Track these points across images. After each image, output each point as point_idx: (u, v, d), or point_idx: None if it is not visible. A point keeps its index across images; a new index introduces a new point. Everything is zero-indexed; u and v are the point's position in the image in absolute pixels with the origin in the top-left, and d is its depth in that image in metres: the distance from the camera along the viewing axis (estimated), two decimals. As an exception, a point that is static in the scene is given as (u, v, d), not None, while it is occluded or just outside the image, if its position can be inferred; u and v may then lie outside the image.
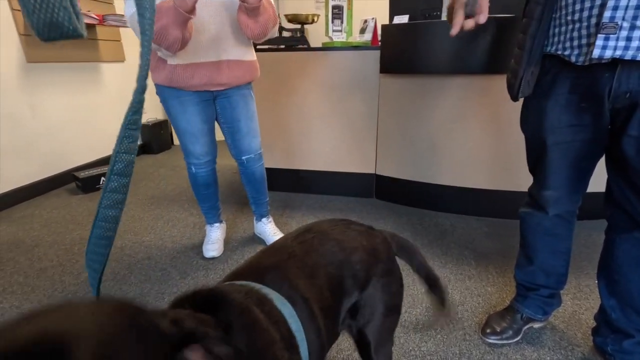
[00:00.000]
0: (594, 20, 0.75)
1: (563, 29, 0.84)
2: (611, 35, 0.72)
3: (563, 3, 0.83)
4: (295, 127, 2.27)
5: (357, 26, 2.31)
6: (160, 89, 1.43)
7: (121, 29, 3.02)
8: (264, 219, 1.80)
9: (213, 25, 1.33)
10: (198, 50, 1.34)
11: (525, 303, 1.14)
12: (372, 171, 2.26)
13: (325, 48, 2.09)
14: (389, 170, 2.19)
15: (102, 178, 2.55)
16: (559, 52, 0.85)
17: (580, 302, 1.33)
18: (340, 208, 2.19)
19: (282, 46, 2.21)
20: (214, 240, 1.72)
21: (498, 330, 1.14)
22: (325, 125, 2.22)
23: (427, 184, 2.06)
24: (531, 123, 0.99)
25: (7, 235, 1.92)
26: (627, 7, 0.69)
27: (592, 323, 1.11)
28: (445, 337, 1.18)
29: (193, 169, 1.59)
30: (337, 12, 2.12)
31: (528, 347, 1.13)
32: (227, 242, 1.79)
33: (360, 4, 2.70)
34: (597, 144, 0.89)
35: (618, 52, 0.72)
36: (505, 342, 1.14)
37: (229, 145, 1.62)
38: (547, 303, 1.13)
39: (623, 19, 0.70)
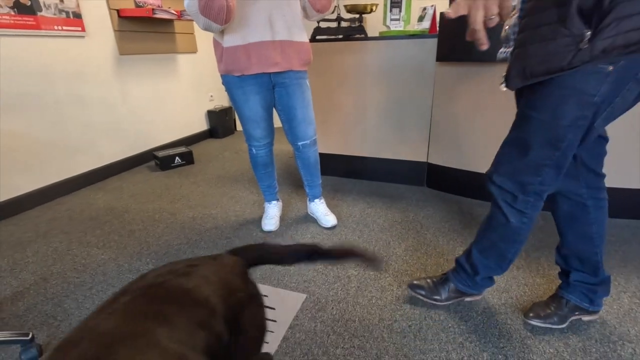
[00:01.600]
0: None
1: None
2: None
3: None
4: (351, 114, 2.36)
5: (415, 14, 2.31)
6: (226, 79, 1.59)
7: (194, 23, 3.32)
8: (316, 200, 1.93)
9: (267, 6, 1.43)
10: (253, 31, 1.45)
11: (568, 289, 1.15)
12: (424, 159, 2.27)
13: (382, 37, 2.13)
14: (441, 158, 2.19)
15: (177, 158, 2.88)
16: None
17: (639, 300, 1.28)
18: (390, 194, 2.25)
19: (340, 36, 2.30)
20: (272, 215, 1.89)
21: (542, 315, 1.16)
22: (379, 113, 2.27)
23: (479, 173, 2.03)
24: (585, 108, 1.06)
25: (104, 202, 2.28)
26: None
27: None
28: (486, 319, 1.22)
29: (254, 150, 1.77)
30: (396, 1, 2.14)
31: (573, 337, 1.13)
32: (282, 218, 1.96)
33: (420, -9, 2.67)
34: None
35: None
36: (548, 325, 1.15)
37: (285, 132, 1.76)
38: (591, 290, 1.12)
39: None
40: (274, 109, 1.72)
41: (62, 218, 2.07)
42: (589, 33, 0.72)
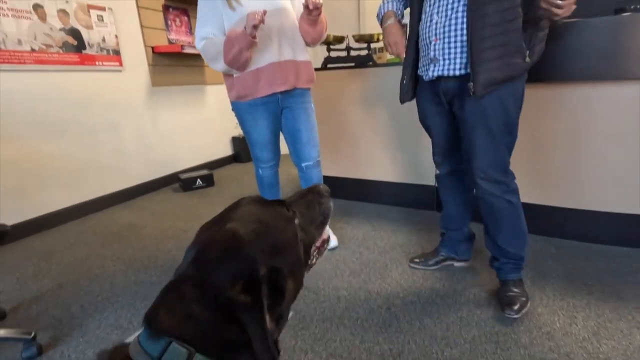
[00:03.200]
0: (426, 56, 1.28)
1: (421, 59, 1.34)
2: (436, 64, 1.24)
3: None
4: (360, 138, 2.40)
5: (422, 42, 2.36)
6: (236, 106, 1.70)
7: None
8: None
9: (275, 32, 1.56)
10: (262, 56, 1.56)
11: (443, 245, 1.63)
12: (431, 183, 2.24)
13: (389, 64, 2.20)
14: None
15: (198, 180, 3.05)
16: (420, 73, 1.37)
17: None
18: (397, 218, 2.22)
19: (352, 64, 2.39)
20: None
21: (421, 260, 1.66)
22: (388, 137, 2.30)
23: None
24: (419, 114, 1.50)
25: (127, 219, 2.46)
26: (439, 48, 1.22)
27: None
28: (474, 347, 1.15)
29: (260, 171, 1.86)
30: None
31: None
32: (285, 238, 1.99)
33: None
34: (450, 124, 1.38)
35: (439, 73, 1.25)
36: (423, 268, 1.64)
37: (290, 153, 1.83)
38: (458, 246, 1.61)
39: (439, 55, 1.23)
40: (280, 132, 1.81)
41: (88, 232, 2.25)
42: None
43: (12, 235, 2.14)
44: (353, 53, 2.41)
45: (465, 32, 1.15)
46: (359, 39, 2.31)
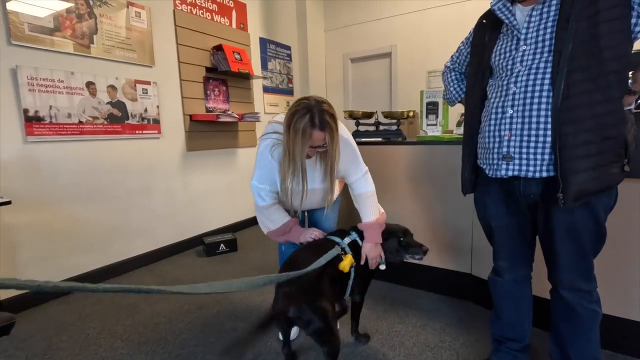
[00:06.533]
0: (497, 151, 1.16)
1: (482, 150, 1.24)
2: (510, 162, 1.13)
3: (480, 136, 1.25)
4: (388, 216, 2.28)
5: (454, 119, 2.30)
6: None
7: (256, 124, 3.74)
8: None
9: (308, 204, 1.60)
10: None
11: (498, 355, 1.39)
12: (467, 270, 2.04)
13: (419, 142, 2.13)
14: (485, 272, 1.94)
15: (222, 245, 3.01)
16: (482, 165, 1.26)
17: None
18: (427, 308, 2.01)
19: (379, 139, 2.35)
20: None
21: None
22: (416, 216, 2.16)
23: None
24: (479, 212, 1.37)
25: (147, 283, 2.41)
26: (515, 146, 1.10)
27: None
28: None
29: (283, 247, 1.81)
30: (432, 108, 2.17)
31: None
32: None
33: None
34: (525, 226, 1.24)
35: (516, 173, 1.12)
36: None
37: (308, 221, 1.80)
38: (516, 357, 1.36)
39: (514, 153, 1.11)
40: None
41: (105, 301, 2.22)
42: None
43: (33, 300, 2.15)
44: (381, 127, 2.39)
45: (550, 132, 1.03)
46: (388, 115, 2.29)
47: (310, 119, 1.29)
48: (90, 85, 2.40)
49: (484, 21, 1.28)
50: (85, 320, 1.99)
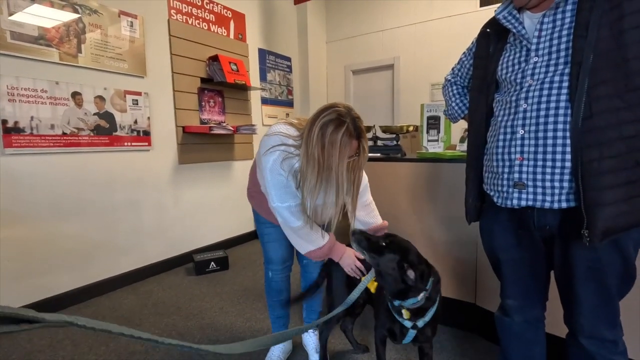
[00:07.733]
0: (507, 177, 1.01)
1: (489, 175, 1.10)
2: (522, 190, 0.97)
3: (486, 158, 1.11)
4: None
5: (457, 134, 2.16)
6: (255, 213, 1.62)
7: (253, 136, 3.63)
8: (311, 330, 1.68)
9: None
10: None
11: None
12: (471, 300, 1.87)
13: (418, 159, 1.99)
14: (491, 303, 1.77)
15: (212, 263, 2.86)
16: (489, 192, 1.10)
17: None
18: (427, 340, 1.83)
19: (378, 154, 2.21)
20: (275, 357, 1.64)
21: None
22: (414, 238, 2.00)
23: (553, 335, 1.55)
24: (485, 243, 1.21)
25: (127, 308, 2.27)
26: (528, 172, 0.96)
27: None
28: None
29: (270, 273, 1.66)
30: (433, 123, 2.04)
31: None
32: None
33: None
34: (539, 260, 1.07)
35: (530, 203, 0.97)
36: None
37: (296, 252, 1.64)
38: None
39: (527, 179, 0.96)
40: None
41: (82, 325, 2.07)
42: None
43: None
44: (380, 143, 2.25)
45: (569, 156, 0.88)
46: (386, 129, 2.16)
47: (347, 128, 1.18)
48: (76, 95, 2.30)
49: (488, 30, 1.15)
50: (56, 348, 1.84)
